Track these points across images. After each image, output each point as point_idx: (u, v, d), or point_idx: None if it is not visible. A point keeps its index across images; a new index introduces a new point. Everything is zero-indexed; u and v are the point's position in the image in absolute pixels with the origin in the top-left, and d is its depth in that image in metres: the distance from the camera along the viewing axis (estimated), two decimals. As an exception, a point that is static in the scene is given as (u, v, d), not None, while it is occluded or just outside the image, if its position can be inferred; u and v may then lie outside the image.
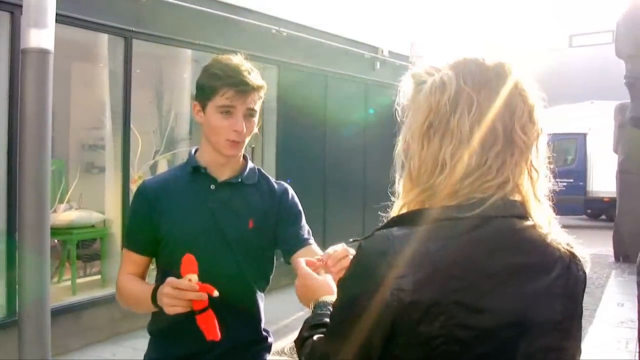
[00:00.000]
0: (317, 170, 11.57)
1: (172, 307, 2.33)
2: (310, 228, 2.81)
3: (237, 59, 2.65)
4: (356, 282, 1.48)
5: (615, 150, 14.48)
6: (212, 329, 2.33)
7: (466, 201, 1.48)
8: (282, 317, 8.59)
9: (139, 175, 8.54)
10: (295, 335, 1.82)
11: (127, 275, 2.72)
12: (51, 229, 7.14)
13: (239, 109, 2.59)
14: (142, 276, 2.76)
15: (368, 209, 12.75)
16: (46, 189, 5.87)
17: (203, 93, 2.64)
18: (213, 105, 2.60)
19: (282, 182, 2.90)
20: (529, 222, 1.53)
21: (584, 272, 1.59)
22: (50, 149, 5.86)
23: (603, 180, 19.91)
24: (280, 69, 10.64)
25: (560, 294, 1.52)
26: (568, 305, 1.53)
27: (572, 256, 1.56)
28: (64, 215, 8.23)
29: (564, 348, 1.52)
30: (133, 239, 2.76)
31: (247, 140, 2.69)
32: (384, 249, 1.45)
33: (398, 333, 1.42)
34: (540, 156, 1.57)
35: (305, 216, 2.84)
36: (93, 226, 8.49)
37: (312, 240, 2.79)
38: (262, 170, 2.90)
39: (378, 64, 13.16)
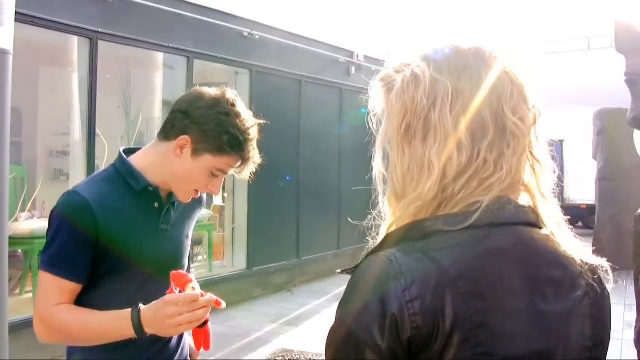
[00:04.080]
0: (292, 178, 11.28)
1: (178, 327, 2.12)
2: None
3: (250, 120, 2.37)
4: (358, 318, 1.21)
5: (595, 157, 14.44)
6: (206, 341, 2.22)
7: (468, 207, 1.26)
8: (255, 329, 8.38)
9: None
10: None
11: (61, 306, 2.29)
12: (12, 238, 6.92)
13: (226, 174, 2.41)
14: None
15: (343, 219, 12.60)
16: (4, 196, 5.62)
17: (207, 143, 2.32)
18: (210, 162, 2.33)
19: None
20: (543, 231, 1.33)
21: (607, 290, 1.37)
22: (8, 155, 5.59)
23: (580, 187, 19.88)
24: (252, 73, 10.41)
25: (589, 316, 1.31)
26: (598, 328, 1.32)
27: (592, 270, 1.35)
28: (26, 224, 7.94)
29: None
30: (68, 264, 2.29)
31: None
32: (386, 272, 1.20)
33: None
34: (541, 144, 1.35)
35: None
36: (57, 236, 8.10)
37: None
38: None
39: (353, 68, 12.96)
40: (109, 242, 2.30)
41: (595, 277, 1.34)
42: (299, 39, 11.34)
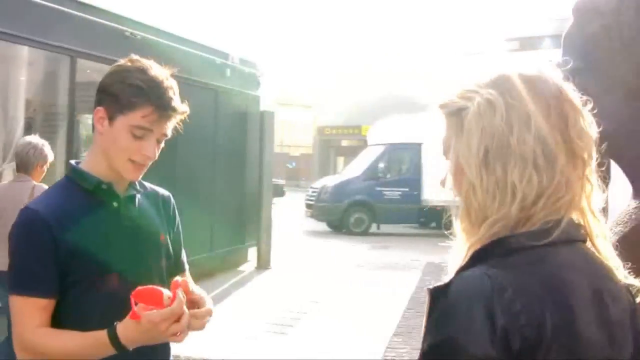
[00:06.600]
0: (167, 179, 11.03)
1: (176, 336, 2.09)
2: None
3: (160, 72, 2.29)
4: (468, 334, 1.27)
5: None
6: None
7: (544, 225, 1.35)
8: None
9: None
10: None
11: (40, 329, 2.19)
12: None
13: (155, 133, 2.27)
14: (49, 325, 2.23)
15: (216, 221, 12.53)
16: None
17: (115, 103, 2.24)
18: (125, 122, 2.23)
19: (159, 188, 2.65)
20: (592, 247, 1.47)
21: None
22: None
23: (435, 189, 20.37)
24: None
25: (630, 326, 1.42)
26: (638, 339, 1.43)
27: (629, 285, 1.47)
28: None
29: None
30: (35, 281, 2.20)
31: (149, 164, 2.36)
32: (488, 287, 1.28)
33: None
34: (592, 165, 1.46)
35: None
36: None
37: (187, 265, 2.68)
38: None
39: (228, 70, 12.89)
40: (69, 247, 2.21)
41: (633, 292, 1.47)
42: (175, 39, 11.19)
